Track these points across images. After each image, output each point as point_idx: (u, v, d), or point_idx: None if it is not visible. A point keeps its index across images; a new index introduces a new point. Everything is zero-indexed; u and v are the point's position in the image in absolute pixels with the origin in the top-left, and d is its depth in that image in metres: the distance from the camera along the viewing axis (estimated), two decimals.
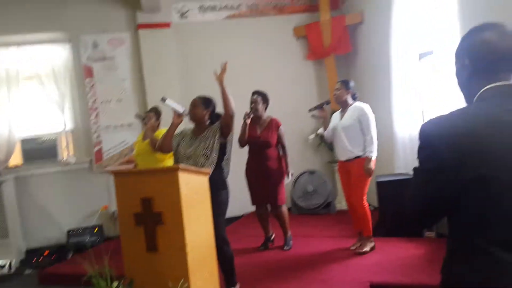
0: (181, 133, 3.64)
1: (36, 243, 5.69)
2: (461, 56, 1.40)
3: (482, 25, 1.36)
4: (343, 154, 4.24)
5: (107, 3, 6.00)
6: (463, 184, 1.21)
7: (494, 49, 1.31)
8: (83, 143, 5.97)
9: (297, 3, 6.59)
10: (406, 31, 4.73)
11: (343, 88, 4.22)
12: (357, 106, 4.18)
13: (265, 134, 4.52)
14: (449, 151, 1.22)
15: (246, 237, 5.11)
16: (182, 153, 3.49)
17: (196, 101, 3.58)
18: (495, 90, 1.30)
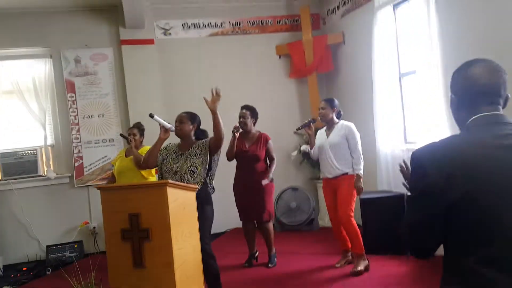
0: (166, 148, 3.66)
1: (14, 259, 5.57)
2: (451, 90, 1.52)
3: (471, 61, 1.47)
4: (330, 171, 4.27)
5: (90, 19, 6.00)
6: (452, 204, 1.27)
7: (474, 85, 1.42)
8: (63, 158, 5.89)
9: (279, 23, 6.71)
10: (388, 51, 4.87)
11: (328, 107, 4.29)
12: (344, 124, 4.26)
13: (253, 148, 4.55)
14: (438, 174, 1.29)
15: (229, 253, 5.10)
16: (168, 168, 3.50)
17: (183, 117, 3.62)
18: (480, 120, 1.39)
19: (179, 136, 3.61)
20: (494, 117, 1.39)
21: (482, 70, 1.42)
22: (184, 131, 3.58)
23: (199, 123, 3.71)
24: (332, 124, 4.31)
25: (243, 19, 6.59)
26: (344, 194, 4.16)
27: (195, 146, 3.55)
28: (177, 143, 3.70)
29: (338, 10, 6.14)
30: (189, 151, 3.53)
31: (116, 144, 5.97)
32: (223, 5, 6.44)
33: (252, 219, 4.67)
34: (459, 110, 1.48)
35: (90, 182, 5.84)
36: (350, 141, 4.17)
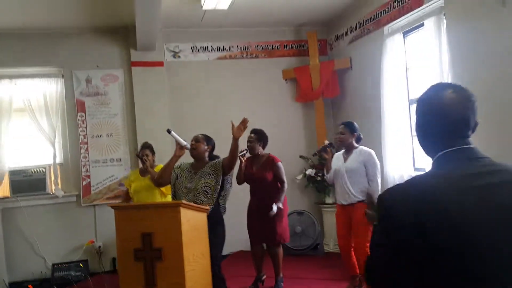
0: (180, 167, 3.72)
1: (20, 276, 5.57)
2: (418, 120, 1.39)
3: (441, 88, 1.36)
4: (345, 198, 4.16)
5: (102, 41, 6.12)
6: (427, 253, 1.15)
7: (446, 117, 1.31)
8: (71, 176, 5.94)
9: (286, 47, 6.84)
10: (397, 77, 4.94)
11: (347, 132, 4.20)
12: (364, 150, 4.16)
13: (260, 171, 4.57)
14: (409, 218, 1.16)
15: (234, 277, 5.07)
16: (182, 186, 3.55)
17: (199, 137, 3.71)
18: (451, 155, 1.29)
19: (194, 155, 3.68)
20: (466, 152, 1.29)
21: (455, 101, 1.31)
22: (199, 150, 3.65)
23: (213, 146, 3.80)
24: (351, 148, 4.21)
25: (251, 43, 6.72)
26: (360, 224, 4.03)
27: (208, 165, 3.62)
28: (191, 162, 3.75)
29: (346, 36, 6.26)
30: (202, 170, 3.59)
31: (124, 163, 6.02)
32: (231, 29, 6.57)
33: (261, 242, 4.67)
34: (426, 139, 1.37)
35: (97, 201, 5.88)
36: (369, 168, 4.06)
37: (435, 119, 1.32)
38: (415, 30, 4.85)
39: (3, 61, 5.74)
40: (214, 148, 3.81)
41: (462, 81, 3.99)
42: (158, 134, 5.87)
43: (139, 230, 2.89)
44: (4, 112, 5.69)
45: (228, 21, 6.22)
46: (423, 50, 4.58)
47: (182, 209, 2.88)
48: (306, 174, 6.39)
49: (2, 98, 5.72)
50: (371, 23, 5.55)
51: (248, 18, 6.20)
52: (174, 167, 3.69)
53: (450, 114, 1.30)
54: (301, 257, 5.87)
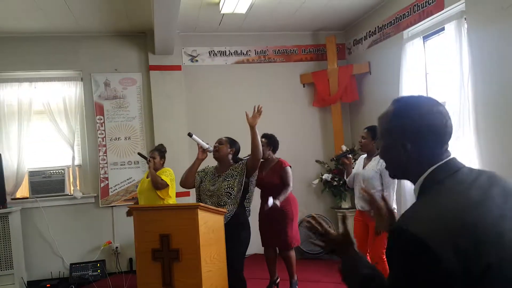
0: (204, 170, 3.72)
1: (38, 275, 5.66)
2: (399, 138, 1.29)
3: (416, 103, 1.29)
4: (362, 204, 4.11)
5: (121, 45, 6.20)
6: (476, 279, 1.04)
7: (438, 132, 1.24)
8: (90, 178, 6.02)
9: (304, 52, 6.84)
10: (416, 82, 4.90)
11: (369, 137, 4.12)
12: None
13: (268, 176, 4.57)
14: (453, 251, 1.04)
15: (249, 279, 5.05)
16: (206, 189, 3.56)
17: (223, 140, 3.70)
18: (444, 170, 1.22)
19: (217, 158, 3.67)
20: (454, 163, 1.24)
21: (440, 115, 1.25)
22: (222, 153, 3.63)
23: (238, 150, 3.77)
24: (372, 154, 4.14)
25: (268, 48, 6.73)
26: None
27: (232, 168, 3.61)
28: (215, 165, 3.75)
29: (364, 41, 6.24)
30: (226, 173, 3.58)
31: (141, 166, 6.07)
32: (249, 33, 6.60)
33: (273, 246, 4.67)
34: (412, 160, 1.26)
35: (115, 202, 5.95)
36: (385, 178, 3.95)
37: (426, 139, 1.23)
38: (435, 35, 4.81)
39: (23, 64, 5.86)
40: (238, 151, 3.78)
41: (482, 86, 3.96)
42: (175, 137, 5.94)
43: (157, 231, 2.91)
44: (24, 115, 5.79)
45: (246, 25, 6.25)
46: (443, 55, 4.54)
47: (200, 211, 2.89)
48: (322, 179, 6.37)
49: (22, 101, 5.82)
50: (390, 27, 5.52)
51: (266, 22, 6.22)
52: (198, 171, 3.69)
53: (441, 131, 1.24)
54: (316, 261, 5.85)
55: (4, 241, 5.12)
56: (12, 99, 5.83)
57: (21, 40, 5.84)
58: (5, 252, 5.11)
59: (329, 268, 5.49)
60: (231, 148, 3.69)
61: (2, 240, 5.12)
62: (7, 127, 5.76)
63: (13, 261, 5.12)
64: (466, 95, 4.09)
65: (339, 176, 6.10)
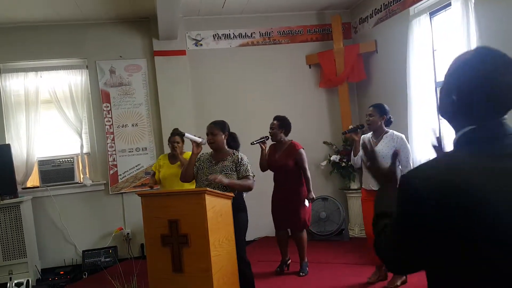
0: (200, 159, 3.70)
1: (52, 262, 5.76)
2: (450, 89, 1.26)
3: (478, 55, 1.23)
4: (373, 183, 3.96)
5: (125, 31, 6.17)
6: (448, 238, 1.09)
7: (492, 97, 1.18)
8: (99, 166, 6.06)
9: (310, 32, 6.75)
10: (423, 59, 4.83)
11: (376, 114, 4.04)
12: (396, 135, 4.00)
13: (282, 158, 4.58)
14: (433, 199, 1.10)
15: (260, 262, 5.11)
16: (203, 179, 3.55)
17: (214, 129, 3.64)
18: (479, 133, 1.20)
19: (213, 148, 3.66)
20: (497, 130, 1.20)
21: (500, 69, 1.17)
22: (217, 142, 3.62)
23: (229, 130, 3.75)
24: (381, 132, 4.06)
25: (273, 29, 6.66)
26: None
27: (230, 158, 3.60)
28: (210, 152, 3.75)
29: (370, 19, 6.14)
30: (223, 164, 3.57)
31: (149, 152, 6.10)
32: (253, 15, 6.52)
33: (285, 228, 4.69)
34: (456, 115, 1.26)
35: (124, 189, 5.99)
36: (402, 154, 3.88)
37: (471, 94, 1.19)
38: (442, 11, 4.71)
39: (29, 54, 5.86)
40: (229, 130, 3.76)
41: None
42: (182, 122, 5.92)
43: (166, 217, 2.93)
44: (32, 104, 5.82)
45: (249, 7, 6.17)
46: (450, 31, 4.45)
47: (207, 196, 2.90)
48: (330, 160, 6.35)
49: (29, 90, 5.84)
50: (396, 4, 5.42)
51: (269, 3, 6.14)
52: None
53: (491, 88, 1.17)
54: (326, 242, 5.86)
55: (16, 230, 5.20)
56: (19, 89, 5.85)
57: (26, 30, 5.84)
58: (18, 241, 5.19)
59: (338, 250, 5.52)
60: (224, 133, 3.66)
61: (14, 229, 5.19)
62: (15, 117, 5.79)
63: (26, 250, 5.20)
64: None
65: (347, 157, 6.07)
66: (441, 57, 4.86)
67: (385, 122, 4.09)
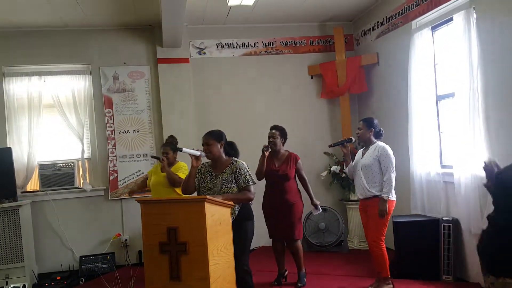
0: (201, 170, 3.67)
1: (49, 268, 5.73)
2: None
3: None
4: (361, 192, 4.27)
5: (129, 38, 6.21)
6: None
7: None
8: (99, 171, 6.06)
9: (312, 43, 6.79)
10: (425, 73, 4.84)
11: (365, 127, 4.29)
12: (379, 145, 4.22)
13: (283, 168, 4.58)
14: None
15: (258, 271, 5.08)
16: (206, 193, 3.52)
17: (209, 138, 3.60)
18: None
19: (210, 158, 3.64)
20: None
21: None
22: (214, 153, 3.58)
23: (225, 139, 3.71)
24: (369, 144, 4.29)
25: (276, 39, 6.70)
26: (375, 218, 4.11)
27: (229, 169, 3.57)
28: (210, 162, 3.72)
29: (373, 32, 6.17)
30: (223, 175, 3.55)
31: (150, 159, 6.10)
32: (256, 25, 6.57)
33: (281, 238, 4.68)
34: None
35: (124, 195, 5.99)
36: (382, 163, 4.12)
37: None
38: (444, 25, 4.74)
39: (33, 58, 5.89)
40: (226, 140, 3.72)
41: (492, 76, 3.91)
42: (183, 129, 5.96)
43: (165, 224, 2.91)
44: (34, 108, 5.84)
45: (253, 17, 6.22)
46: (452, 45, 4.47)
47: (207, 204, 2.89)
48: (330, 171, 6.36)
49: (32, 94, 5.87)
50: (398, 18, 5.46)
51: (273, 14, 6.18)
52: None
53: None
54: (324, 253, 5.84)
55: (14, 234, 5.18)
56: (22, 93, 5.88)
57: (30, 34, 5.88)
58: (16, 245, 5.18)
59: (337, 261, 5.49)
60: (220, 143, 3.62)
61: (12, 233, 5.18)
62: (17, 121, 5.81)
63: (23, 254, 5.18)
64: (476, 86, 4.04)
65: None
66: (442, 71, 4.88)
67: (375, 135, 4.31)
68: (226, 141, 3.72)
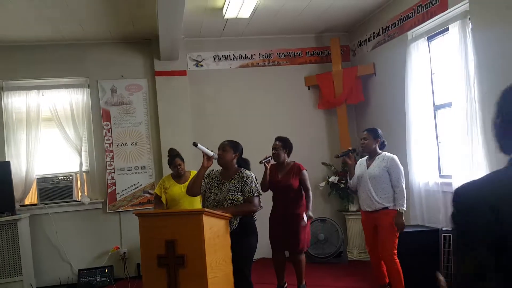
0: (209, 176, 3.70)
1: (47, 281, 5.71)
2: (498, 112, 1.35)
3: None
4: (369, 204, 4.10)
5: (126, 51, 6.24)
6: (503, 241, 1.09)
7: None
8: (97, 184, 6.05)
9: (309, 54, 6.83)
10: (422, 83, 4.87)
11: (370, 138, 4.15)
12: (387, 156, 4.09)
13: (286, 178, 4.56)
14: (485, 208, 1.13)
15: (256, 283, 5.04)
16: (211, 199, 3.54)
17: (226, 145, 3.66)
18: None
19: (221, 164, 3.65)
20: None
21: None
22: (226, 159, 3.61)
23: (241, 152, 3.75)
24: (374, 155, 4.16)
25: (272, 51, 6.74)
26: (386, 231, 3.97)
27: (236, 177, 3.57)
28: (220, 170, 3.74)
29: (369, 42, 6.22)
30: (230, 183, 3.55)
31: (148, 171, 6.10)
32: (253, 37, 6.61)
33: (284, 250, 4.64)
34: (505, 136, 1.33)
35: (122, 208, 5.98)
36: (392, 174, 3.99)
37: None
38: (440, 35, 4.79)
39: (31, 72, 5.92)
40: (242, 153, 3.77)
41: (489, 86, 3.92)
42: (181, 142, 5.94)
43: (163, 237, 2.92)
44: (32, 122, 5.85)
45: (249, 29, 6.26)
46: (448, 55, 4.51)
47: (205, 216, 2.90)
48: (329, 181, 6.35)
49: (31, 108, 5.88)
50: (394, 29, 5.50)
51: (269, 26, 6.23)
52: (204, 176, 3.68)
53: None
54: (324, 265, 5.81)
55: (13, 248, 5.16)
56: (20, 107, 5.89)
57: (28, 49, 5.91)
58: (14, 259, 5.16)
59: (337, 272, 5.46)
60: (235, 153, 3.66)
61: (11, 246, 5.16)
62: (16, 134, 5.82)
63: (22, 268, 5.15)
64: (473, 95, 4.06)
65: (346, 179, 6.06)
66: (439, 81, 4.91)
67: (379, 145, 4.19)
68: (241, 155, 3.77)
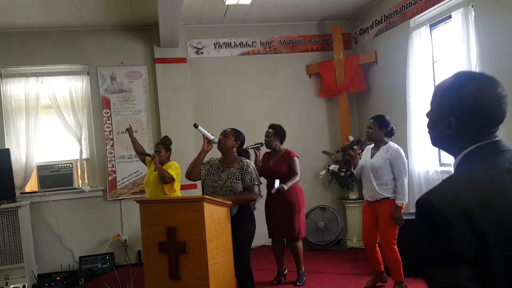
0: (209, 163, 3.70)
1: (48, 268, 5.73)
2: (446, 112, 1.28)
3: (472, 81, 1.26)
4: (371, 195, 4.08)
5: (126, 38, 6.20)
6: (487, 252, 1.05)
7: (487, 114, 1.22)
8: (98, 171, 6.05)
9: (310, 42, 6.79)
10: (423, 71, 4.85)
11: (376, 127, 4.07)
12: (391, 147, 4.02)
13: (276, 165, 4.57)
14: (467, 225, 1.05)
15: (257, 271, 5.06)
16: (209, 185, 3.54)
17: (228, 132, 3.66)
18: (481, 151, 1.22)
19: (221, 150, 3.65)
20: (496, 145, 1.22)
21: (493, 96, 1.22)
22: (226, 145, 3.61)
23: (242, 141, 3.74)
24: (380, 144, 4.09)
25: (274, 38, 6.69)
26: (387, 221, 3.96)
27: (236, 165, 3.56)
28: (220, 157, 3.73)
29: (371, 30, 6.17)
30: (230, 170, 3.54)
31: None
32: (254, 24, 6.56)
33: (281, 237, 4.67)
34: (454, 136, 1.26)
35: (123, 195, 5.98)
36: (395, 167, 3.94)
37: (471, 118, 1.22)
38: (442, 23, 4.75)
39: (30, 59, 5.89)
40: (243, 143, 3.77)
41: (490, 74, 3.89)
42: (181, 129, 5.96)
43: (164, 224, 2.92)
44: (32, 109, 5.83)
45: (250, 16, 6.21)
46: (450, 43, 4.48)
47: (206, 203, 2.89)
48: (329, 170, 6.36)
49: (30, 95, 5.85)
50: (396, 16, 5.46)
51: (271, 13, 6.18)
52: (203, 163, 3.67)
53: (489, 113, 1.22)
54: (324, 252, 5.84)
55: (14, 235, 5.18)
56: (19, 94, 5.87)
57: (27, 35, 5.87)
58: (15, 246, 5.18)
59: (336, 260, 5.50)
60: (236, 141, 3.66)
61: (12, 234, 5.18)
62: (15, 122, 5.80)
63: (23, 255, 5.18)
64: None
65: (346, 167, 6.08)
66: (441, 69, 4.89)
67: (386, 134, 4.11)
68: (242, 145, 3.76)
